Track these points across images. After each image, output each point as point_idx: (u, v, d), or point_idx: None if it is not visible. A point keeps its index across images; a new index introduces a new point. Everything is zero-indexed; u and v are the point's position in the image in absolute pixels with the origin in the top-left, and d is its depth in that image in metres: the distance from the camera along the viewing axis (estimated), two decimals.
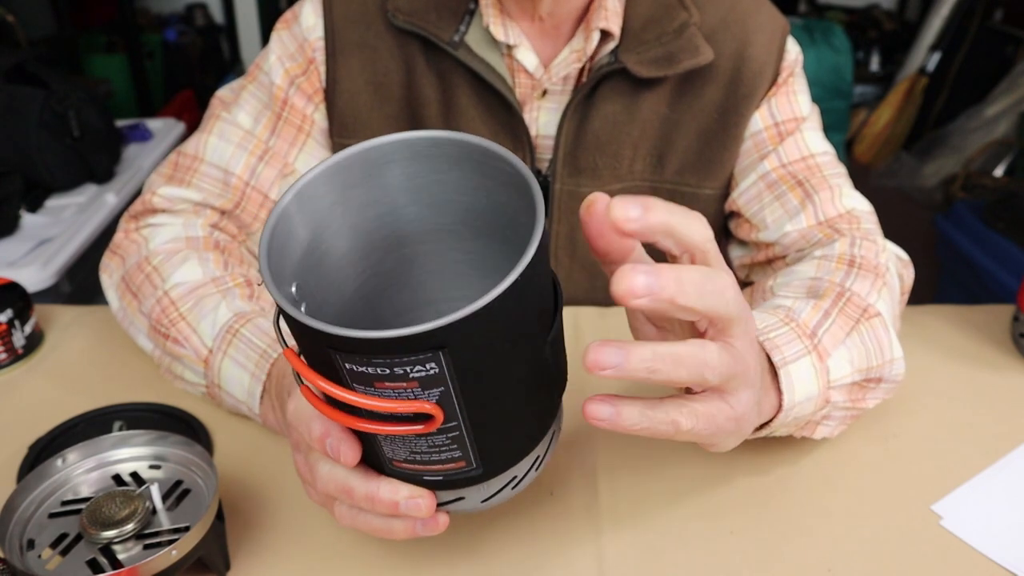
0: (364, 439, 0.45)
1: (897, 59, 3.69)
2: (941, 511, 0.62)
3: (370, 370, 0.38)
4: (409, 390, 0.39)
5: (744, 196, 0.84)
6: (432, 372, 0.38)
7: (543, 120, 0.83)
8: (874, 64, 3.85)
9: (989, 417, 0.72)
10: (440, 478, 0.46)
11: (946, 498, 0.63)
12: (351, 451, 0.45)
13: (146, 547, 0.50)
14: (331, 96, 0.83)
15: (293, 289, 0.43)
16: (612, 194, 0.82)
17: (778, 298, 0.67)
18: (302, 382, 0.44)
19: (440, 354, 0.37)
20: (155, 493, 0.53)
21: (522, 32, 0.80)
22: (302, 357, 0.42)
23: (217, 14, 3.33)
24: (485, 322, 0.37)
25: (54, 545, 0.50)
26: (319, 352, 0.39)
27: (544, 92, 0.82)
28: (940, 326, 0.85)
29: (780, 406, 0.57)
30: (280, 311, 0.41)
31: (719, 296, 0.40)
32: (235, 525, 0.59)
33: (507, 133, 0.81)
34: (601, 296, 0.89)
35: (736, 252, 0.89)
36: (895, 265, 0.75)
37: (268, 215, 0.41)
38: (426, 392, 0.39)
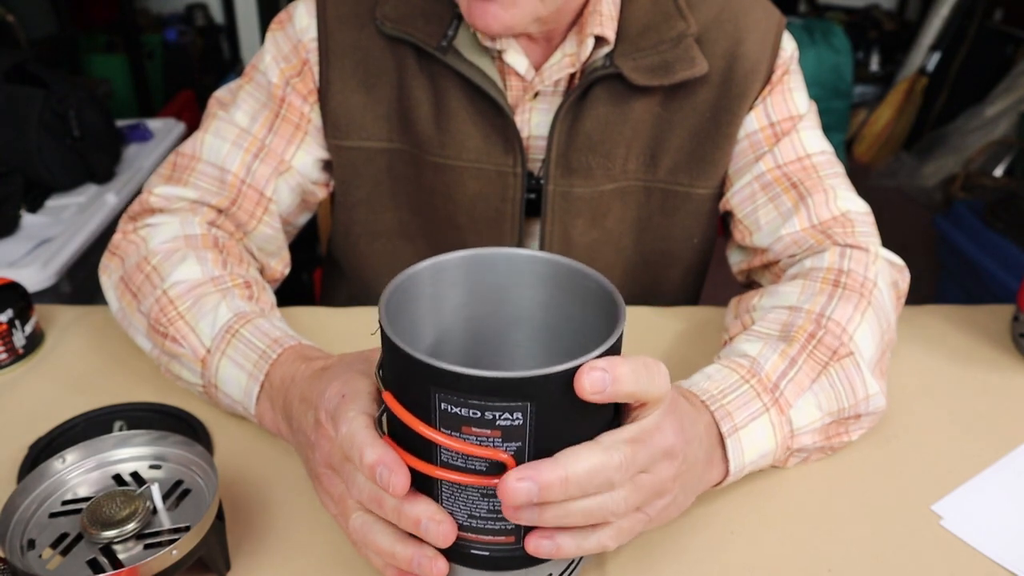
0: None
1: (897, 59, 3.69)
2: (941, 511, 0.62)
3: (462, 412, 0.43)
4: (491, 439, 0.43)
5: (737, 196, 0.84)
6: (516, 423, 0.43)
7: (535, 121, 0.83)
8: (874, 64, 3.85)
9: (989, 417, 0.72)
10: (486, 554, 0.48)
11: (946, 498, 0.63)
12: (401, 480, 0.45)
13: (147, 547, 0.50)
14: (324, 96, 0.83)
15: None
16: (606, 194, 0.84)
17: (750, 336, 0.68)
18: (384, 432, 0.48)
19: (528, 405, 0.42)
20: (155, 493, 0.53)
21: (511, 37, 0.79)
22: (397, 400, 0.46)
23: (217, 14, 3.33)
24: (571, 383, 0.43)
25: (55, 545, 0.50)
26: (419, 392, 0.43)
27: (536, 94, 0.82)
28: (940, 326, 0.85)
29: (727, 472, 0.60)
30: (389, 351, 0.45)
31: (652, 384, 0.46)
32: (235, 525, 0.59)
33: (498, 136, 0.81)
34: None
35: (735, 257, 0.89)
36: (888, 274, 0.75)
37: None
38: (504, 444, 0.44)
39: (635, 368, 0.44)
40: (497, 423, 0.43)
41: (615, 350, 0.45)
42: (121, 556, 0.49)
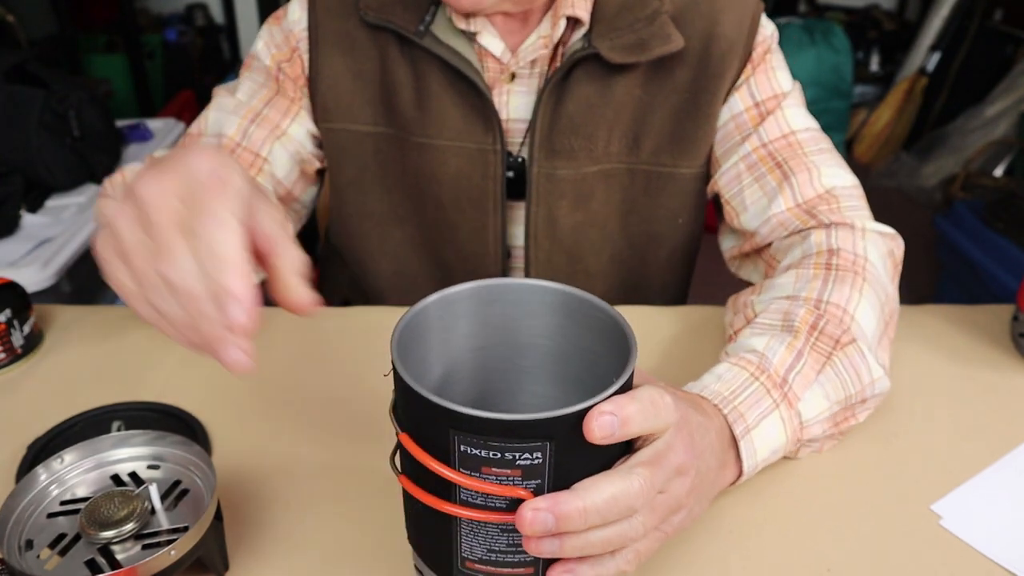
0: (443, 536, 0.47)
1: (897, 59, 3.68)
2: (941, 511, 0.62)
3: (482, 453, 0.42)
4: (511, 478, 0.43)
5: (724, 177, 0.85)
6: (536, 462, 0.43)
7: (513, 104, 0.85)
8: (874, 64, 3.84)
9: (989, 417, 0.72)
10: None
11: (946, 498, 0.63)
12: (247, 323, 0.42)
13: (145, 547, 0.50)
14: (314, 83, 0.86)
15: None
16: (589, 176, 0.85)
17: (755, 329, 0.68)
18: (400, 472, 0.47)
19: (548, 444, 0.42)
20: (154, 493, 0.53)
21: (486, 19, 0.82)
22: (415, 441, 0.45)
23: (217, 14, 3.33)
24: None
25: (53, 545, 0.50)
26: (437, 434, 0.43)
27: (513, 76, 0.84)
28: (940, 326, 0.85)
29: (741, 472, 0.60)
30: (404, 393, 0.45)
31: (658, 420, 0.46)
32: (234, 525, 0.59)
33: (477, 116, 0.83)
34: (581, 280, 0.90)
35: (727, 243, 0.90)
36: (880, 244, 0.75)
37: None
38: (524, 482, 0.43)
39: (642, 407, 0.44)
40: (517, 463, 0.42)
41: (626, 387, 0.45)
42: (119, 556, 0.49)
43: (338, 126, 0.87)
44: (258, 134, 0.84)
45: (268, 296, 0.83)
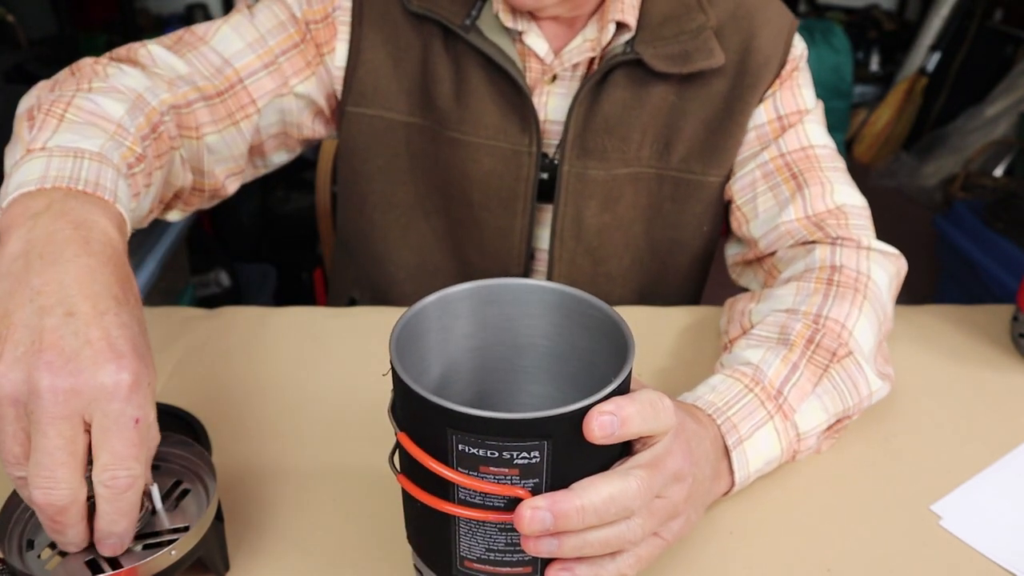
0: (442, 536, 0.47)
1: (897, 59, 3.69)
2: (940, 511, 0.62)
3: (480, 452, 0.42)
4: (509, 477, 0.43)
5: (739, 183, 0.86)
6: (534, 461, 0.43)
7: (552, 105, 0.85)
8: (874, 64, 3.85)
9: (989, 417, 0.72)
10: None
11: (946, 498, 0.63)
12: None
13: (145, 547, 0.50)
14: (353, 65, 0.84)
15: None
16: (619, 178, 0.85)
17: (751, 341, 0.68)
18: (399, 472, 0.47)
19: (545, 443, 0.42)
20: (154, 493, 0.53)
21: (533, 20, 0.82)
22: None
23: (217, 14, 3.33)
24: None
25: (53, 545, 0.50)
26: (436, 433, 0.43)
27: (554, 77, 0.84)
28: (940, 326, 0.85)
29: (734, 482, 0.60)
30: (402, 393, 0.45)
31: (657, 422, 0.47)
32: (235, 525, 0.59)
33: (515, 114, 0.83)
34: (603, 282, 0.90)
35: (731, 250, 0.90)
36: (885, 264, 0.75)
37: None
38: (522, 482, 0.44)
39: (641, 408, 0.44)
40: (515, 462, 0.43)
41: (624, 386, 0.45)
42: (120, 556, 0.49)
43: (372, 112, 0.86)
44: (265, 83, 0.80)
45: (273, 297, 0.83)
